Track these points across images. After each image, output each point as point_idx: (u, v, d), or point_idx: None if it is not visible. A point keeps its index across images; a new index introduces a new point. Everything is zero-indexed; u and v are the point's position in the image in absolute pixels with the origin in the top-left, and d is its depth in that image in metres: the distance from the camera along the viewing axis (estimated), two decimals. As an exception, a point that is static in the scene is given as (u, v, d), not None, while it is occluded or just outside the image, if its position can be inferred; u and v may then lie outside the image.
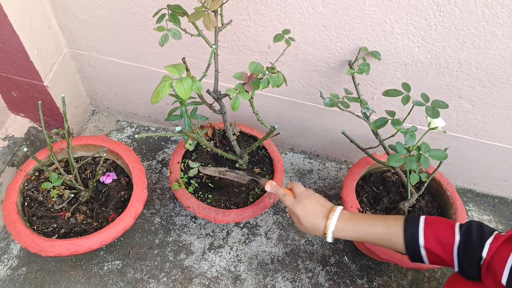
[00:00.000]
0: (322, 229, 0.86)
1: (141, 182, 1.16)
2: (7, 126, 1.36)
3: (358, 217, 0.87)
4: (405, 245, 0.82)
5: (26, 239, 1.02)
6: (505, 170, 1.38)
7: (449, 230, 0.79)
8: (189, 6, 1.00)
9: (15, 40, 1.06)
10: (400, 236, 0.82)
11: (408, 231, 0.81)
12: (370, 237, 0.85)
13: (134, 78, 1.36)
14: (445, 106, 0.89)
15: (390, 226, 0.84)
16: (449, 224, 0.81)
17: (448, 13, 0.91)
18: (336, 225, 0.85)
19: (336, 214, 0.86)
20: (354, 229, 0.85)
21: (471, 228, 0.77)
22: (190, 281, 1.21)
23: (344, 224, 0.85)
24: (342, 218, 0.86)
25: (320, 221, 0.86)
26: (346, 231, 0.85)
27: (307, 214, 0.87)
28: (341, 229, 0.85)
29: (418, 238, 0.80)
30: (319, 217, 0.86)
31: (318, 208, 0.88)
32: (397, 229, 0.83)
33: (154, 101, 0.67)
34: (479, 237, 0.75)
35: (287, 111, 1.34)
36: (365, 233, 0.85)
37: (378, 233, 0.84)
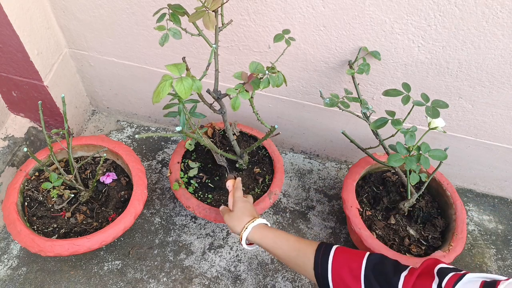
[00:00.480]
0: (244, 223, 0.92)
1: (141, 182, 1.16)
2: (7, 126, 1.36)
3: (275, 230, 0.91)
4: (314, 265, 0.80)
5: (26, 239, 1.02)
6: (505, 170, 1.38)
7: (359, 255, 0.78)
8: (189, 5, 1.00)
9: (15, 40, 1.06)
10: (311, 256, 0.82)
11: (320, 252, 0.81)
12: (277, 248, 0.87)
13: (134, 78, 1.36)
14: (445, 106, 0.89)
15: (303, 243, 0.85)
16: (360, 252, 0.79)
17: (448, 13, 0.91)
18: (258, 225, 0.91)
19: (262, 220, 0.93)
20: (273, 235, 0.89)
21: (383, 260, 0.76)
22: (190, 281, 1.21)
23: (264, 229, 0.91)
24: (265, 226, 0.92)
25: (247, 217, 0.93)
26: (266, 232, 0.90)
27: (243, 208, 0.96)
28: (261, 230, 0.90)
29: (327, 260, 0.79)
30: (248, 215, 0.94)
31: (252, 210, 0.96)
32: (310, 248, 0.83)
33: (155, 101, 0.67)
34: (394, 268, 0.73)
35: (287, 111, 1.34)
36: (273, 243, 0.88)
37: (284, 248, 0.86)
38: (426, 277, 0.68)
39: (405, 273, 0.71)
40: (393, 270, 0.72)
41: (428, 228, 1.18)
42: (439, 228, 1.18)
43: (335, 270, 0.78)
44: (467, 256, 1.36)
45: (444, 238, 1.17)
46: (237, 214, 0.95)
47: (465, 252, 1.36)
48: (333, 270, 0.78)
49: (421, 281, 0.68)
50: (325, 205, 1.42)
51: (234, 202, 0.99)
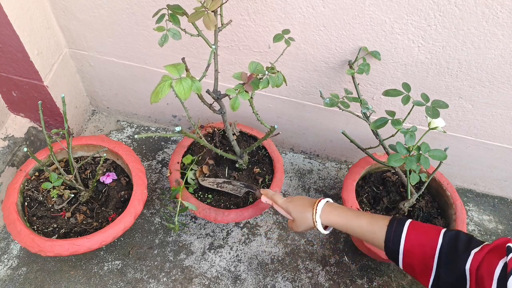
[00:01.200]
0: (311, 216, 0.91)
1: (141, 182, 1.16)
2: (7, 126, 1.36)
3: (346, 208, 0.91)
4: (385, 240, 0.81)
5: (26, 239, 1.02)
6: (505, 170, 1.38)
7: (434, 233, 0.77)
8: (189, 6, 1.00)
9: (15, 40, 1.06)
10: (383, 231, 0.82)
11: (392, 227, 0.82)
12: (355, 226, 0.86)
13: (134, 78, 1.36)
14: (445, 106, 0.89)
15: (376, 220, 0.85)
16: (435, 228, 0.79)
17: (448, 13, 0.91)
18: (323, 210, 0.90)
19: (322, 201, 0.91)
20: (340, 215, 0.89)
21: (458, 235, 0.75)
22: (190, 281, 1.21)
23: (330, 211, 0.90)
24: (329, 205, 0.91)
25: (308, 210, 0.92)
26: (333, 216, 0.89)
27: (296, 207, 0.94)
28: (328, 212, 0.89)
29: (400, 236, 0.79)
30: (307, 208, 0.92)
31: (305, 201, 0.94)
32: (382, 222, 0.84)
33: (153, 101, 0.67)
34: (465, 245, 0.73)
35: (287, 111, 1.34)
36: (351, 221, 0.87)
37: (364, 224, 0.85)
38: (496, 253, 0.68)
39: (476, 249, 0.71)
40: (465, 246, 0.72)
41: (428, 228, 1.18)
42: (439, 228, 1.18)
43: (406, 249, 0.78)
44: (467, 256, 1.36)
45: (444, 238, 1.17)
46: (298, 217, 0.93)
47: (465, 252, 1.36)
48: (405, 248, 0.78)
49: (490, 256, 0.68)
50: (325, 205, 1.42)
51: (286, 209, 0.97)
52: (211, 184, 1.18)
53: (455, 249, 0.73)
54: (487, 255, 0.69)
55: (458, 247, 0.73)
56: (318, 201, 0.91)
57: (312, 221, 0.91)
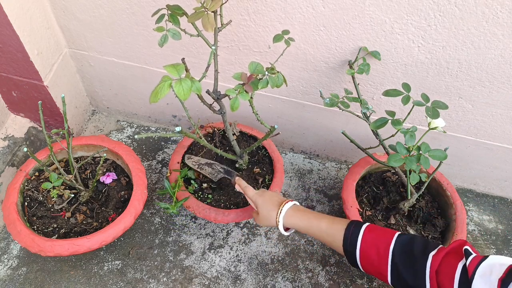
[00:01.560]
0: (275, 216, 0.94)
1: (141, 182, 1.16)
2: (7, 126, 1.36)
3: (309, 211, 0.94)
4: (343, 243, 0.84)
5: (26, 239, 1.02)
6: (505, 170, 1.38)
7: (388, 235, 0.79)
8: (188, 6, 1.00)
9: (15, 40, 1.06)
10: (341, 234, 0.85)
11: (349, 230, 0.84)
12: (315, 229, 0.89)
13: (134, 78, 1.36)
14: (445, 107, 0.89)
15: (336, 223, 0.88)
16: (390, 231, 0.80)
17: (448, 13, 0.91)
18: (287, 212, 0.93)
19: (289, 204, 0.94)
20: (302, 217, 0.91)
21: (413, 238, 0.76)
22: (190, 281, 1.21)
23: (293, 213, 0.93)
24: (294, 208, 0.94)
25: (274, 208, 0.95)
26: (295, 217, 0.92)
27: (264, 203, 0.97)
28: (291, 215, 0.92)
29: (356, 239, 0.82)
30: (273, 206, 0.95)
31: (274, 199, 0.97)
32: (341, 226, 0.86)
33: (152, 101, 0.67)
34: (422, 248, 0.73)
35: (287, 111, 1.34)
36: (311, 224, 0.90)
37: (323, 227, 0.88)
38: (454, 256, 0.69)
39: (434, 252, 0.71)
40: (422, 250, 0.73)
41: (428, 228, 1.18)
42: (439, 228, 1.18)
43: (363, 250, 0.80)
44: (467, 256, 1.36)
45: (444, 238, 1.17)
46: (263, 213, 0.96)
47: (465, 252, 1.36)
48: (361, 249, 0.80)
49: (449, 259, 0.69)
50: (325, 205, 1.42)
51: (254, 202, 1.00)
52: (194, 163, 1.20)
53: (411, 251, 0.74)
54: (445, 258, 0.69)
55: (413, 250, 0.74)
56: (285, 203, 0.94)
57: (275, 221, 0.94)
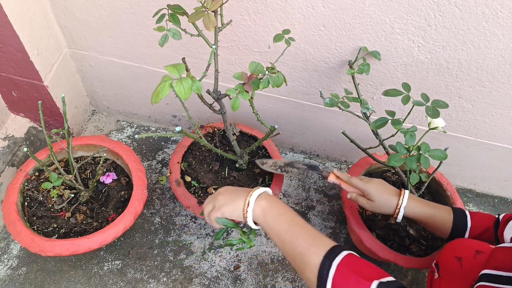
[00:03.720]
0: (395, 205, 0.95)
1: (141, 182, 1.16)
2: (7, 126, 1.36)
3: (425, 200, 0.98)
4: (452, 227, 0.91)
5: (26, 239, 1.02)
6: (505, 170, 1.38)
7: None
8: (189, 6, 1.00)
9: (15, 40, 1.06)
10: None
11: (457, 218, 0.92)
12: (436, 218, 0.93)
13: (134, 78, 1.36)
14: (445, 106, 0.89)
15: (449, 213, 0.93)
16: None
17: (448, 13, 0.91)
18: (408, 202, 0.95)
19: (406, 193, 0.96)
20: (424, 207, 0.95)
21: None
22: (190, 281, 1.21)
23: (415, 202, 0.95)
24: (411, 197, 0.96)
25: (393, 198, 0.96)
26: (417, 208, 0.95)
27: (379, 191, 0.97)
28: (412, 205, 0.95)
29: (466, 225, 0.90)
30: (391, 195, 0.96)
31: (388, 187, 0.99)
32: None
33: (154, 101, 0.67)
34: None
35: (287, 111, 1.34)
36: (433, 213, 0.94)
37: (445, 216, 0.93)
38: None
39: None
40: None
41: (428, 228, 1.18)
42: (439, 228, 1.18)
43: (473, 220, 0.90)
44: (467, 256, 1.36)
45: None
46: (380, 201, 0.97)
47: (465, 252, 1.36)
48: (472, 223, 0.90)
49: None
50: (325, 205, 1.42)
51: (364, 190, 0.99)
52: (273, 168, 1.14)
53: None
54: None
55: None
56: (403, 191, 0.96)
57: (395, 209, 0.95)
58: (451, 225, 0.92)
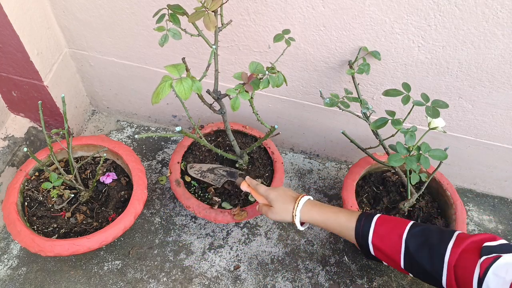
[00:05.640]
0: (291, 210, 0.94)
1: (141, 182, 1.16)
2: (7, 126, 1.36)
3: (325, 205, 0.96)
4: (355, 236, 0.88)
5: (26, 239, 1.02)
6: (505, 170, 1.38)
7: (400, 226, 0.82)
8: (189, 6, 1.00)
9: (15, 40, 1.06)
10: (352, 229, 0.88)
11: (360, 222, 0.87)
12: (333, 223, 0.92)
13: (134, 78, 1.36)
14: (445, 106, 0.89)
15: (352, 216, 0.90)
16: (402, 221, 0.83)
17: (448, 13, 0.91)
18: (303, 206, 0.94)
19: (304, 198, 0.96)
20: (319, 212, 0.93)
21: (427, 230, 0.78)
22: (190, 281, 1.21)
23: (311, 207, 0.94)
24: (309, 202, 0.95)
25: (290, 204, 0.95)
26: (312, 212, 0.93)
27: (279, 197, 0.97)
28: (308, 210, 0.94)
29: (368, 232, 0.85)
30: (289, 201, 0.96)
31: (288, 194, 0.98)
32: (354, 219, 0.89)
33: (154, 102, 0.67)
34: (438, 238, 0.75)
35: (287, 111, 1.34)
36: (329, 219, 0.92)
37: (342, 222, 0.90)
38: (472, 254, 0.69)
39: (452, 242, 0.73)
40: (438, 240, 0.74)
41: (428, 228, 1.18)
42: (439, 228, 1.18)
43: (374, 243, 0.84)
44: (467, 256, 1.36)
45: (444, 238, 1.17)
46: (278, 208, 0.96)
47: (465, 252, 1.36)
48: (373, 242, 0.84)
49: (467, 257, 0.69)
50: (325, 205, 1.42)
51: (266, 197, 1.00)
52: (196, 172, 1.19)
53: (426, 242, 0.76)
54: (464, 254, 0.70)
55: (429, 240, 0.76)
56: (301, 197, 0.95)
57: (292, 215, 0.94)
58: (353, 233, 0.88)
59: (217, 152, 1.12)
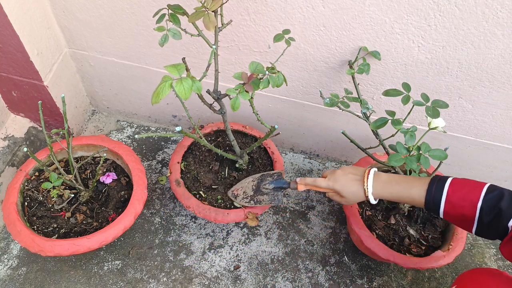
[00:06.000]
0: (363, 194, 0.91)
1: (141, 182, 1.16)
2: (7, 126, 1.36)
3: (393, 176, 0.91)
4: (425, 204, 0.84)
5: (26, 239, 1.02)
6: (505, 170, 1.38)
7: (476, 191, 0.79)
8: (189, 6, 1.00)
9: (15, 40, 1.06)
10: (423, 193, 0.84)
11: (432, 189, 0.83)
12: (405, 196, 0.87)
13: (134, 78, 1.36)
14: (445, 106, 0.89)
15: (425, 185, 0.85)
16: (477, 186, 0.80)
17: (448, 13, 0.91)
18: (374, 188, 0.90)
19: (370, 177, 0.91)
20: (392, 187, 0.89)
21: (501, 194, 0.76)
22: (190, 281, 1.21)
23: (382, 186, 0.89)
24: (378, 180, 0.90)
25: (358, 188, 0.91)
26: (385, 189, 0.89)
27: (344, 186, 0.93)
28: (381, 188, 0.89)
29: (440, 200, 0.81)
30: (355, 185, 0.92)
31: (350, 177, 0.94)
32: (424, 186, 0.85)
33: (154, 102, 0.67)
34: (509, 202, 0.75)
35: (287, 111, 1.34)
36: (403, 192, 0.87)
37: (414, 193, 0.85)
38: None
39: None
40: (509, 203, 0.74)
41: (428, 228, 1.18)
42: (439, 228, 1.19)
43: (446, 211, 0.81)
44: (467, 256, 1.36)
45: (444, 238, 1.17)
46: (348, 194, 0.93)
47: (465, 252, 1.36)
48: (445, 210, 0.81)
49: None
50: (325, 205, 1.42)
51: (332, 189, 0.96)
52: (246, 201, 1.11)
53: (498, 208, 0.75)
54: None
55: (501, 206, 0.74)
56: (367, 175, 0.91)
57: (364, 196, 0.91)
58: (423, 200, 0.84)
59: (217, 152, 1.12)
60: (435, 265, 1.08)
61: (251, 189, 1.12)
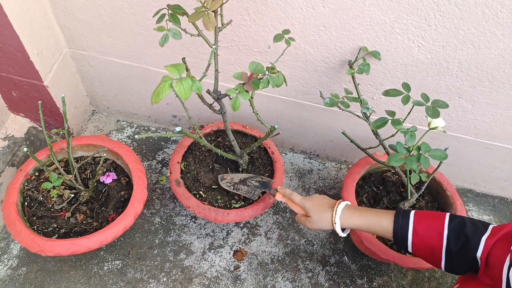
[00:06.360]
0: (330, 217, 0.91)
1: (141, 182, 1.16)
2: (7, 126, 1.36)
3: (363, 208, 0.92)
4: (393, 237, 0.85)
5: (26, 239, 1.02)
6: (505, 170, 1.38)
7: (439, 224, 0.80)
8: (189, 6, 1.00)
9: (15, 40, 1.06)
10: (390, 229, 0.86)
11: (398, 222, 0.84)
12: (376, 227, 0.87)
13: (134, 78, 1.36)
14: (445, 106, 0.89)
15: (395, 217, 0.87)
16: (438, 217, 0.81)
17: (448, 13, 0.91)
18: (342, 213, 0.90)
19: (341, 204, 0.91)
20: (361, 217, 0.89)
21: (463, 222, 0.77)
22: (190, 281, 1.21)
23: (351, 213, 0.90)
24: (348, 208, 0.91)
25: (327, 211, 0.92)
26: (353, 218, 0.89)
27: (315, 206, 0.94)
28: (348, 216, 0.90)
29: (407, 232, 0.83)
30: (326, 209, 0.92)
31: (325, 201, 0.95)
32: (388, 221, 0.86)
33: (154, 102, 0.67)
34: (473, 231, 0.75)
35: (287, 111, 1.34)
36: (371, 222, 0.88)
37: (385, 224, 0.86)
38: (507, 241, 0.69)
39: (486, 235, 0.73)
40: (473, 231, 0.74)
41: (428, 228, 1.18)
42: (439, 228, 1.18)
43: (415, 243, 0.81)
44: (467, 256, 1.36)
45: (444, 238, 1.17)
46: (316, 217, 0.93)
47: (465, 252, 1.36)
48: (413, 243, 0.81)
49: (502, 244, 0.70)
50: (325, 205, 1.42)
51: (302, 207, 0.97)
52: (229, 185, 1.17)
53: (464, 235, 0.75)
54: (498, 242, 0.70)
55: (467, 233, 0.75)
56: (338, 203, 0.92)
57: (331, 222, 0.91)
58: (391, 234, 0.85)
59: (217, 152, 1.12)
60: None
61: (238, 179, 1.18)
